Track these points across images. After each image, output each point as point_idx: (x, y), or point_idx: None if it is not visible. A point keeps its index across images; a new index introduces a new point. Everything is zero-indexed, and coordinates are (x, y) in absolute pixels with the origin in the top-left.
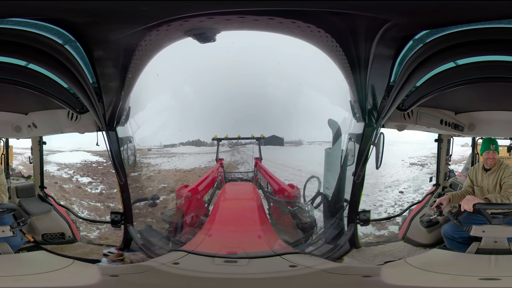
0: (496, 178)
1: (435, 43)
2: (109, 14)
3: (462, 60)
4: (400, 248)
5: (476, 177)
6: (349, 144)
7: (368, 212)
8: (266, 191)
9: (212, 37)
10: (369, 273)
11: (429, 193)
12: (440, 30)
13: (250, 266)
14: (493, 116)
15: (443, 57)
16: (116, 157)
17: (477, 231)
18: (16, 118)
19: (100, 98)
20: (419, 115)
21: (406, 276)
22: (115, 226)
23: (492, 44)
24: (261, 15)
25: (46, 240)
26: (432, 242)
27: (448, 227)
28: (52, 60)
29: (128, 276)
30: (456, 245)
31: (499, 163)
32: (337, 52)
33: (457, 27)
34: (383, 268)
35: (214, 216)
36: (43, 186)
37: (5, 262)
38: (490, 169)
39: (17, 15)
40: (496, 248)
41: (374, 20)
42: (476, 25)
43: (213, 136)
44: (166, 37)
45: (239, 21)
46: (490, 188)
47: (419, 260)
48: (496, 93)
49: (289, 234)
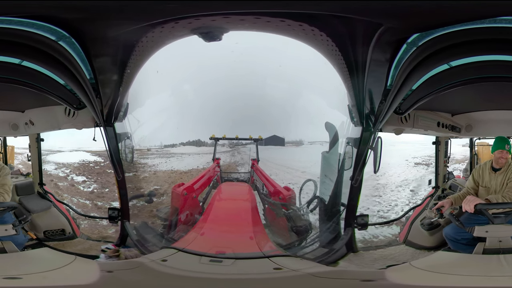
0: (504, 178)
1: (428, 46)
2: (107, 11)
3: (456, 61)
4: (402, 252)
5: (482, 177)
6: (346, 148)
7: (366, 216)
8: (262, 192)
9: (218, 36)
10: (370, 277)
11: (428, 196)
12: (430, 32)
13: (234, 266)
14: (490, 116)
15: (437, 59)
16: (114, 153)
17: (481, 232)
18: (13, 116)
19: (97, 94)
20: (416, 118)
21: (414, 279)
22: (112, 222)
23: (485, 43)
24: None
25: (48, 237)
26: (435, 244)
27: (449, 229)
28: (47, 56)
29: (120, 272)
30: (461, 247)
31: (508, 163)
32: (336, 56)
33: (448, 28)
34: (387, 272)
35: (208, 215)
36: (42, 183)
37: (12, 261)
38: (499, 169)
39: (8, 14)
40: (502, 247)
41: (370, 24)
42: (467, 26)
43: (211, 136)
44: (170, 34)
45: (252, 22)
46: (497, 189)
47: (425, 262)
48: (491, 93)
49: (283, 236)
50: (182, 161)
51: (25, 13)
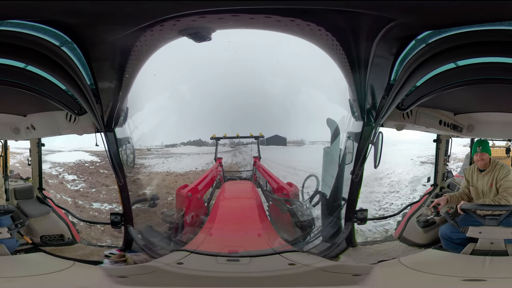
0: (491, 178)
1: (438, 44)
2: (101, 15)
3: (462, 61)
4: (395, 248)
5: (472, 177)
6: (347, 143)
7: (365, 210)
8: (265, 189)
9: (207, 36)
10: (360, 271)
11: (426, 193)
12: (443, 31)
13: (252, 264)
14: (492, 117)
15: (444, 58)
16: (115, 158)
17: (474, 232)
18: (14, 120)
19: (98, 99)
20: (418, 115)
21: (394, 276)
22: (115, 227)
23: (493, 45)
24: (257, 14)
25: (45, 242)
26: (428, 242)
27: (446, 228)
28: (50, 61)
29: (136, 277)
30: (453, 246)
31: (494, 163)
32: (337, 50)
33: (460, 28)
34: (375, 267)
35: (215, 215)
36: (42, 188)
37: (2, 264)
38: (484, 170)
39: (13, 17)
40: (492, 249)
41: (378, 19)
42: (477, 27)
43: (212, 135)
44: (161, 37)
45: (234, 20)
46: (485, 189)
47: (413, 259)
48: (495, 95)
49: (288, 232)
50: (180, 161)
51: (37, 17)
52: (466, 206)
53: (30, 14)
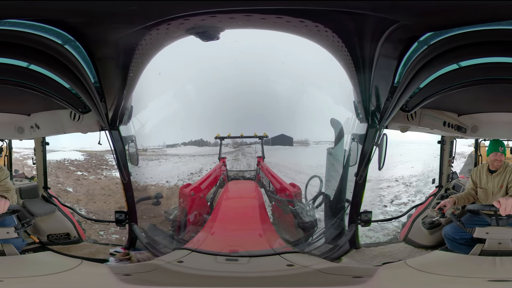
0: (501, 180)
1: (439, 45)
2: (105, 14)
3: (465, 62)
4: (401, 250)
5: (480, 178)
6: (352, 144)
7: (369, 213)
8: (268, 189)
9: (215, 35)
10: (361, 274)
11: (431, 195)
12: (444, 32)
13: (250, 264)
14: (496, 118)
15: (447, 58)
16: (120, 156)
17: (481, 233)
18: (18, 119)
19: (102, 98)
20: (422, 117)
21: (401, 277)
22: (120, 225)
23: (495, 45)
24: (269, 14)
25: (52, 241)
26: (434, 243)
27: (449, 228)
28: (53, 60)
29: (139, 275)
30: (458, 246)
31: (504, 165)
32: (342, 52)
33: (461, 28)
34: (380, 269)
35: (217, 215)
36: (47, 187)
37: (12, 264)
38: (495, 171)
39: (15, 16)
40: (500, 250)
41: (382, 20)
42: (479, 27)
43: (216, 135)
44: (167, 36)
45: (245, 20)
46: (495, 190)
47: (419, 261)
48: (499, 95)
49: (290, 233)
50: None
51: (40, 16)
52: (475, 207)
53: (33, 14)
